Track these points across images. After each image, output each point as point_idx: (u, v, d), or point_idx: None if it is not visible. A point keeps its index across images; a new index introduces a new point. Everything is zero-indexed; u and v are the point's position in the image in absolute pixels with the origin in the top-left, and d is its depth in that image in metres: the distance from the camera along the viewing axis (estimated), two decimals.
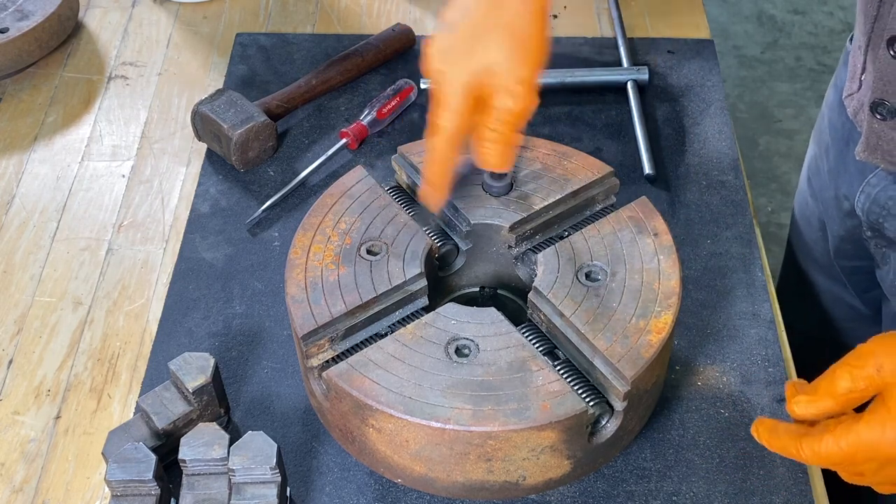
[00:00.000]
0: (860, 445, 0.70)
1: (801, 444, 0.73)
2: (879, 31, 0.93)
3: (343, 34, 1.31)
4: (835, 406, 0.72)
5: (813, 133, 1.19)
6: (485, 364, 0.82)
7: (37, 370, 0.97)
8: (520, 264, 0.94)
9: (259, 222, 1.08)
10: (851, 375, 0.70)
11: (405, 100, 1.19)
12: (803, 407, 0.73)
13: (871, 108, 0.95)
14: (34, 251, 1.07)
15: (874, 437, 0.69)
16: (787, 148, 2.62)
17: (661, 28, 1.33)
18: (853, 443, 0.70)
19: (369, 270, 0.88)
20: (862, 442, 0.70)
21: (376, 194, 0.94)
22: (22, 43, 1.23)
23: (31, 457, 0.91)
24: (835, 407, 0.72)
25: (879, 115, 0.94)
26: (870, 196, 1.02)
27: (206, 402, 0.86)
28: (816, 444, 0.72)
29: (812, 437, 0.72)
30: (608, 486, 0.87)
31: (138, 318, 1.01)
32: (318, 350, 0.85)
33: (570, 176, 0.95)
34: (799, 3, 3.05)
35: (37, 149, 1.18)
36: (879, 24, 0.93)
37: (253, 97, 1.17)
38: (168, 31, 1.33)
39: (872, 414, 0.70)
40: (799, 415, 0.73)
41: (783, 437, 0.74)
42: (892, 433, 0.68)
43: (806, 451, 0.72)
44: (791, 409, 0.74)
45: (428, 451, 0.81)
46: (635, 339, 0.82)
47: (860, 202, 1.04)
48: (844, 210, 1.09)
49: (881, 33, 0.92)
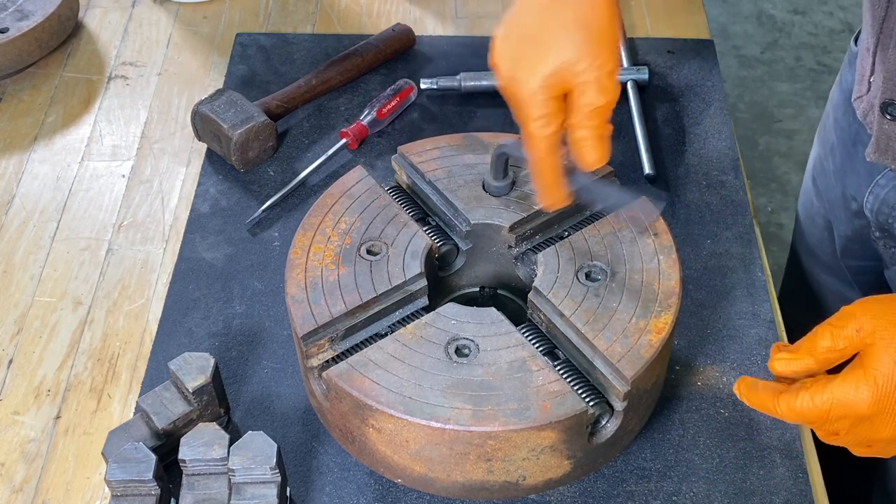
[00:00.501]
0: (834, 402, 0.71)
1: (777, 399, 0.74)
2: (888, 32, 0.92)
3: (343, 34, 1.31)
4: (814, 364, 0.72)
5: (817, 133, 1.19)
6: (485, 364, 0.82)
7: (37, 370, 0.97)
8: (520, 264, 0.94)
9: (259, 222, 1.08)
10: (832, 334, 0.71)
11: (405, 100, 1.19)
12: (784, 364, 0.74)
13: (881, 110, 0.95)
14: (34, 251, 1.07)
15: (848, 395, 0.70)
16: (787, 148, 2.62)
17: (661, 28, 1.33)
18: (827, 399, 0.71)
19: (369, 270, 0.88)
20: (836, 399, 0.71)
21: (376, 194, 0.94)
22: (22, 43, 1.23)
23: (31, 457, 0.91)
24: (814, 365, 0.73)
25: (890, 116, 0.94)
26: (879, 196, 1.02)
27: (206, 402, 0.86)
28: (792, 400, 0.72)
29: (789, 394, 0.73)
30: (608, 486, 0.87)
31: (138, 318, 1.01)
32: (318, 350, 0.85)
33: None
34: (799, 3, 3.05)
35: (37, 149, 1.18)
36: (888, 24, 0.92)
37: (253, 97, 1.17)
38: (168, 31, 1.33)
39: (849, 372, 0.71)
40: (779, 371, 0.74)
41: (762, 393, 0.75)
42: (866, 392, 0.69)
43: (782, 406, 0.73)
44: (772, 366, 0.74)
45: (428, 451, 0.81)
46: (635, 339, 0.82)
47: (869, 203, 1.04)
48: (852, 210, 1.09)
49: (890, 34, 0.92)
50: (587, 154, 0.77)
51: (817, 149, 1.18)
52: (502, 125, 1.17)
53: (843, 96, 1.09)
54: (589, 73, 0.75)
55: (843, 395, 0.70)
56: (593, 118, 0.77)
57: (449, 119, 1.19)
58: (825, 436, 0.75)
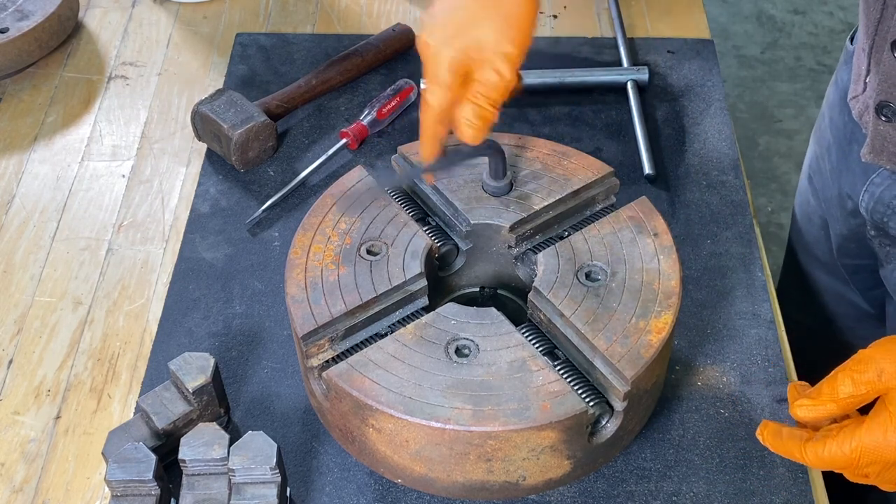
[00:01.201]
0: (863, 450, 0.71)
1: (805, 448, 0.74)
2: (883, 34, 0.92)
3: (343, 34, 1.31)
4: (836, 409, 0.73)
5: (813, 132, 1.19)
6: (485, 364, 0.82)
7: (37, 370, 0.97)
8: (520, 264, 0.94)
9: (259, 222, 1.08)
10: (853, 380, 0.72)
11: (405, 100, 1.19)
12: (806, 410, 0.74)
13: (876, 110, 0.95)
14: (34, 251, 1.07)
15: (877, 442, 0.71)
16: (787, 148, 2.62)
17: (661, 28, 1.33)
18: (856, 448, 0.71)
19: (369, 270, 0.88)
20: (865, 446, 0.71)
21: (376, 194, 0.94)
22: (22, 43, 1.23)
23: (31, 457, 0.91)
24: (836, 410, 0.73)
25: (885, 117, 0.94)
26: (874, 195, 1.02)
27: (206, 402, 0.86)
28: (820, 449, 0.73)
29: (816, 443, 0.74)
30: (608, 486, 0.87)
31: (138, 318, 1.01)
32: (318, 350, 0.85)
33: (570, 176, 0.95)
34: (799, 3, 3.05)
35: (37, 149, 1.18)
36: (883, 26, 0.93)
37: (253, 97, 1.17)
38: (168, 31, 1.33)
39: (874, 418, 0.71)
40: (801, 418, 0.75)
41: (787, 441, 0.76)
42: (894, 437, 0.70)
43: (810, 455, 0.74)
44: (794, 413, 0.75)
45: (428, 451, 0.81)
46: (635, 339, 0.82)
47: (864, 202, 1.04)
48: (847, 209, 1.09)
49: (885, 36, 0.92)
50: (463, 129, 0.84)
51: (813, 148, 1.18)
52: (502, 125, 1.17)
53: (839, 95, 1.09)
54: (492, 54, 0.82)
55: (871, 442, 0.71)
56: (480, 97, 0.83)
57: None
58: (854, 477, 0.75)
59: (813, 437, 0.74)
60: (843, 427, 0.73)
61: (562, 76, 1.21)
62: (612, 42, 1.29)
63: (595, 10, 1.35)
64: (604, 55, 1.27)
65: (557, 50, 1.28)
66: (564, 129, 1.17)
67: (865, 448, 0.71)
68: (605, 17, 1.34)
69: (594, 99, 1.21)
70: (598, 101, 1.21)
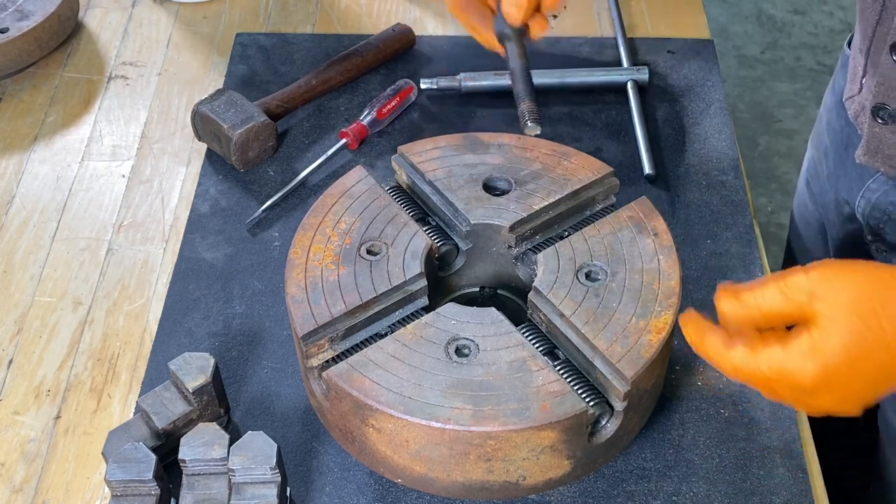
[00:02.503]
0: (782, 373, 0.69)
1: (723, 355, 0.72)
2: (882, 36, 0.92)
3: (343, 34, 1.31)
4: (760, 319, 0.71)
5: (811, 136, 1.19)
6: (485, 364, 0.82)
7: (37, 370, 0.97)
8: (520, 264, 0.94)
9: (259, 222, 1.08)
10: (784, 297, 0.69)
11: (405, 100, 1.19)
12: (730, 307, 0.72)
13: (872, 112, 0.95)
14: (34, 251, 1.07)
15: (794, 366, 0.68)
16: (787, 148, 2.62)
17: (661, 28, 1.33)
18: (775, 369, 0.69)
19: (369, 270, 0.88)
20: (781, 369, 0.69)
21: (376, 194, 0.94)
22: (22, 43, 1.23)
23: (31, 457, 0.91)
24: (760, 320, 0.71)
25: (881, 120, 0.94)
26: (870, 201, 1.02)
27: (206, 402, 0.86)
28: (738, 360, 0.71)
29: (735, 352, 0.71)
30: (608, 486, 0.87)
31: (138, 318, 1.01)
32: (318, 350, 0.85)
33: (570, 176, 0.95)
34: (799, 3, 3.05)
35: (37, 149, 1.18)
36: (881, 28, 0.93)
37: (253, 97, 1.17)
38: (168, 31, 1.33)
39: (795, 343, 0.69)
40: (723, 312, 0.72)
41: (707, 341, 0.73)
42: (813, 367, 0.68)
43: (726, 363, 0.72)
44: (718, 304, 0.73)
45: (428, 451, 0.81)
46: (635, 339, 0.82)
47: (861, 207, 1.04)
48: (845, 214, 1.09)
49: (884, 38, 0.92)
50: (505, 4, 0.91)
51: (811, 152, 1.18)
52: (502, 125, 1.17)
53: (836, 99, 1.09)
54: None
55: (790, 367, 0.69)
56: None
57: (449, 119, 1.19)
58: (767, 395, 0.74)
59: (734, 346, 0.72)
60: (765, 342, 0.71)
61: (562, 76, 1.21)
62: (612, 42, 1.29)
63: (595, 10, 1.35)
64: (604, 55, 1.27)
65: (557, 50, 1.28)
66: (564, 129, 1.17)
67: (781, 370, 0.69)
68: (605, 17, 1.34)
69: (594, 99, 1.21)
70: (598, 101, 1.21)
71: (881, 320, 0.66)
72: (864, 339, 0.66)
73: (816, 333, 0.68)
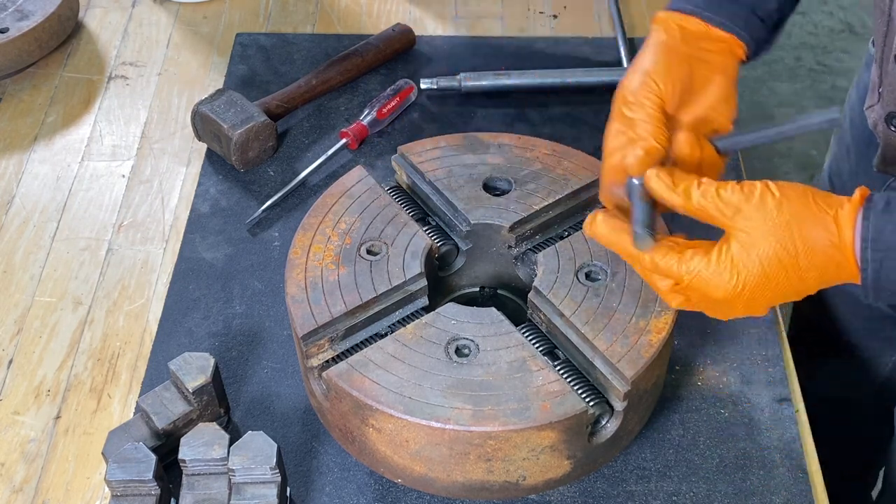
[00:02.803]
0: (695, 278, 0.72)
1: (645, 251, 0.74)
2: (890, 45, 0.93)
3: (343, 34, 1.31)
4: (684, 206, 0.73)
5: (833, 133, 1.19)
6: (485, 364, 0.82)
7: (37, 370, 0.97)
8: (520, 264, 0.94)
9: (259, 222, 1.08)
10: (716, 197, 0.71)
11: (405, 100, 1.19)
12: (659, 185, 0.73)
13: (885, 121, 0.95)
14: (34, 251, 1.07)
15: (708, 275, 0.71)
16: (787, 148, 2.62)
17: None
18: (689, 273, 0.72)
19: (369, 270, 0.88)
20: (696, 275, 0.72)
21: (376, 194, 0.94)
22: (22, 43, 1.23)
23: (31, 457, 0.91)
24: (684, 207, 0.73)
25: (893, 128, 0.95)
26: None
27: (206, 402, 0.86)
28: (658, 257, 0.73)
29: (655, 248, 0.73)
30: (608, 486, 0.87)
31: (138, 318, 1.01)
32: (318, 350, 0.85)
33: (570, 176, 0.95)
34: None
35: (37, 149, 1.18)
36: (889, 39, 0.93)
37: (253, 97, 1.17)
38: (168, 31, 1.33)
39: (716, 254, 0.72)
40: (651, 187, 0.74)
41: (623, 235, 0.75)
42: (727, 279, 0.71)
43: (646, 258, 0.74)
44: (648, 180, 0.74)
45: (428, 451, 0.81)
46: (635, 339, 0.82)
47: None
48: None
49: (892, 48, 0.92)
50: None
51: (834, 148, 1.18)
52: (502, 125, 1.17)
53: (860, 95, 1.09)
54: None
55: (703, 274, 0.71)
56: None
57: (449, 119, 1.19)
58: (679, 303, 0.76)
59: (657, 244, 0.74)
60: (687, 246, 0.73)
61: (562, 76, 1.21)
62: (612, 42, 1.29)
63: (595, 10, 1.35)
64: (604, 55, 1.27)
65: (557, 50, 1.28)
66: (564, 129, 1.17)
67: (697, 277, 0.72)
68: (605, 17, 1.34)
69: (594, 99, 1.21)
70: (597, 102, 1.21)
71: (796, 242, 0.70)
72: (780, 259, 0.70)
73: (737, 249, 0.71)
